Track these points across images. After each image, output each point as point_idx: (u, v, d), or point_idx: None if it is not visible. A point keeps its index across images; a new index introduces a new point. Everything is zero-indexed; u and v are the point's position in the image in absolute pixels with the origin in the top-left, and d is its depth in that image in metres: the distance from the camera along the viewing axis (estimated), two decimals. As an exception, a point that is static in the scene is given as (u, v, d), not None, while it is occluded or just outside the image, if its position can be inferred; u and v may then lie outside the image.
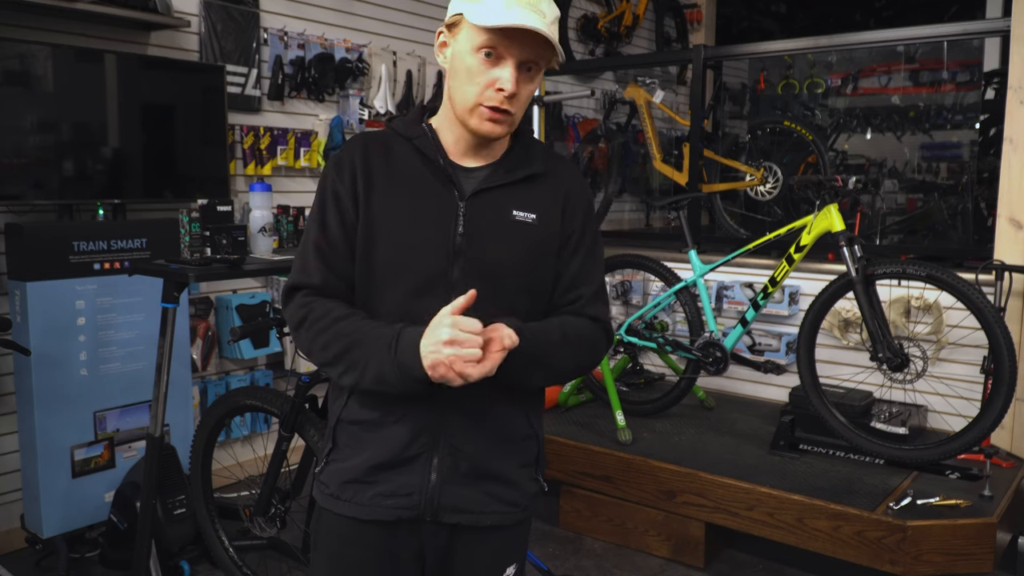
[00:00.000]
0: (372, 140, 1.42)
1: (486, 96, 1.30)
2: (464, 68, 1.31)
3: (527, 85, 1.32)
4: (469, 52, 1.30)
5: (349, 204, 1.37)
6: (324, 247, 1.38)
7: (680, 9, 6.30)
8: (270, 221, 3.17)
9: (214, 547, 2.79)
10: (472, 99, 1.31)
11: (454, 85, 1.34)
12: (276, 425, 2.57)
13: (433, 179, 1.38)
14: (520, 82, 1.30)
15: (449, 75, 1.37)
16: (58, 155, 3.01)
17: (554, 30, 1.31)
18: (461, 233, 1.35)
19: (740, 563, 3.13)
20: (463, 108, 1.33)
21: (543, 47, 1.30)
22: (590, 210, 1.49)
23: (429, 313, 1.29)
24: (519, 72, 1.30)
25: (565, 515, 3.40)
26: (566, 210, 1.43)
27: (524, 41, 1.27)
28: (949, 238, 4.56)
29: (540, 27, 1.25)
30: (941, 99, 5.01)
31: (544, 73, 1.41)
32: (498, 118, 1.32)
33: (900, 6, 7.46)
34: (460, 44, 1.32)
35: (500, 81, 1.29)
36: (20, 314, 2.88)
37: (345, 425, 1.42)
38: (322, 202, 1.40)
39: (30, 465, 2.93)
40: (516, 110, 1.33)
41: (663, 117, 5.57)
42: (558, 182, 1.45)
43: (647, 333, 3.68)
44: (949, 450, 2.81)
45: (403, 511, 1.39)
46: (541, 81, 1.40)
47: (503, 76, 1.29)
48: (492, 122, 1.32)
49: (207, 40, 3.56)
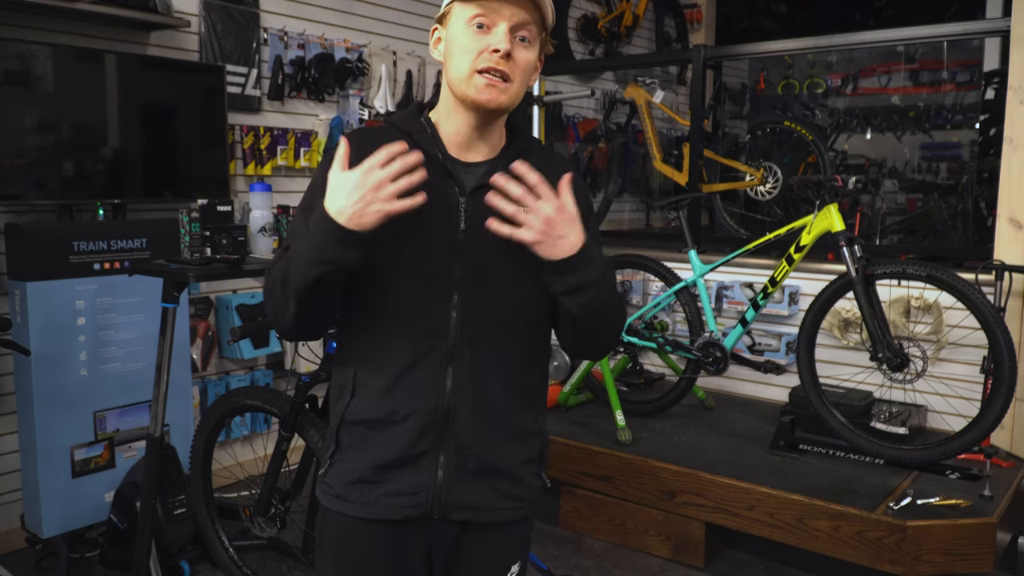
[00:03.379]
0: (369, 135, 1.41)
1: (481, 61, 1.30)
2: (458, 46, 1.32)
3: (523, 52, 1.32)
4: (461, 30, 1.31)
5: None
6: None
7: (680, 9, 6.30)
8: (270, 221, 3.17)
9: (214, 547, 2.79)
10: (467, 68, 1.31)
11: (449, 64, 1.34)
12: (276, 425, 2.57)
13: (433, 174, 1.35)
14: (514, 47, 1.31)
15: (445, 60, 1.36)
16: (58, 155, 3.01)
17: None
18: (463, 229, 1.35)
19: (740, 563, 3.13)
20: (460, 79, 1.32)
21: (533, 9, 1.31)
22: (589, 206, 1.49)
23: (431, 309, 1.29)
24: (512, 36, 1.30)
25: (565, 515, 3.40)
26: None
27: (514, 5, 1.29)
28: (949, 238, 4.56)
29: None
30: (941, 99, 5.01)
31: (542, 73, 1.40)
32: (495, 82, 1.30)
33: (900, 6, 7.45)
34: (452, 29, 1.33)
35: (494, 43, 1.29)
36: (20, 314, 2.88)
37: (349, 426, 1.41)
38: (313, 194, 1.37)
39: (30, 465, 2.93)
40: (514, 76, 1.32)
41: (663, 117, 5.57)
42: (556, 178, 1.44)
43: (647, 333, 3.68)
44: (949, 450, 2.81)
45: (411, 509, 1.38)
46: (542, 62, 1.41)
47: (496, 39, 1.29)
48: (490, 88, 1.30)
49: (207, 40, 3.56)
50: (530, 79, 1.37)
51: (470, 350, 1.36)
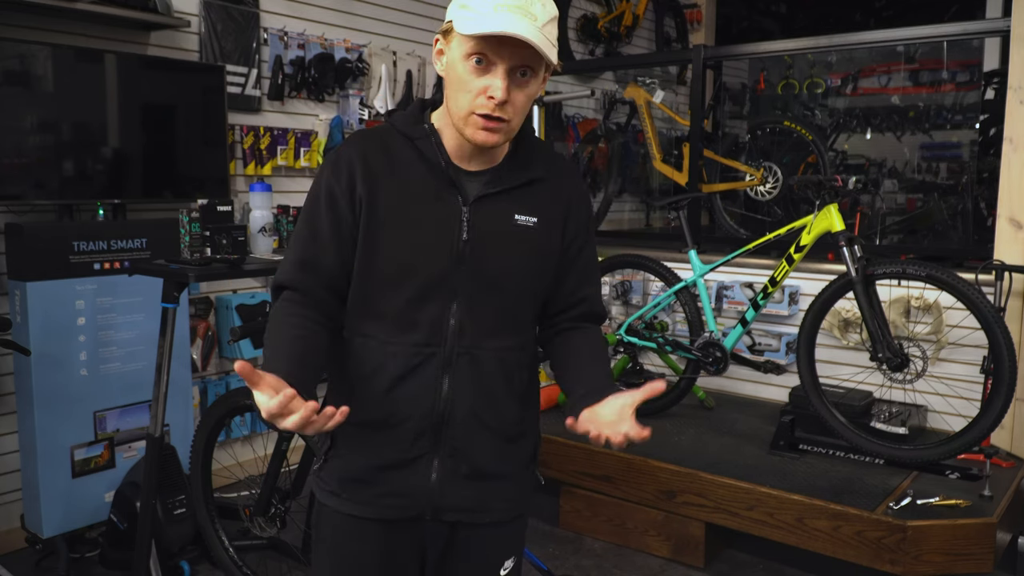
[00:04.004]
0: (371, 139, 1.40)
1: (478, 104, 1.27)
2: (456, 77, 1.28)
3: (521, 91, 1.28)
4: (460, 60, 1.27)
5: (345, 206, 1.34)
6: (313, 249, 1.36)
7: (680, 9, 6.30)
8: (270, 221, 3.17)
9: (214, 547, 2.79)
10: (465, 108, 1.28)
11: (449, 94, 1.32)
12: (276, 425, 2.57)
13: (436, 183, 1.36)
14: (513, 89, 1.27)
15: (445, 83, 1.34)
16: (58, 155, 3.01)
17: (550, 30, 1.27)
18: (465, 239, 1.34)
19: (740, 563, 3.13)
20: (458, 117, 1.30)
21: (533, 55, 1.25)
22: (590, 212, 1.51)
23: (430, 317, 1.31)
24: (511, 78, 1.26)
25: (565, 515, 3.40)
26: (569, 214, 1.44)
27: (513, 46, 1.23)
28: (949, 238, 4.56)
29: (527, 34, 1.21)
30: (941, 99, 5.01)
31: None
32: (492, 126, 1.28)
33: (900, 6, 7.45)
34: (452, 52, 1.30)
35: (490, 89, 1.25)
36: (20, 314, 2.88)
37: (345, 426, 1.41)
38: (315, 201, 1.37)
39: (30, 465, 2.93)
40: (511, 117, 1.29)
41: (663, 117, 5.57)
42: (559, 186, 1.44)
43: (647, 333, 3.68)
44: (949, 450, 2.81)
45: (404, 510, 1.40)
46: (546, 80, 1.37)
47: (493, 84, 1.25)
48: (486, 131, 1.28)
49: (207, 40, 3.56)
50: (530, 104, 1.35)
51: (467, 357, 1.36)
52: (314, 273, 1.36)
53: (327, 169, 1.38)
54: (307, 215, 1.38)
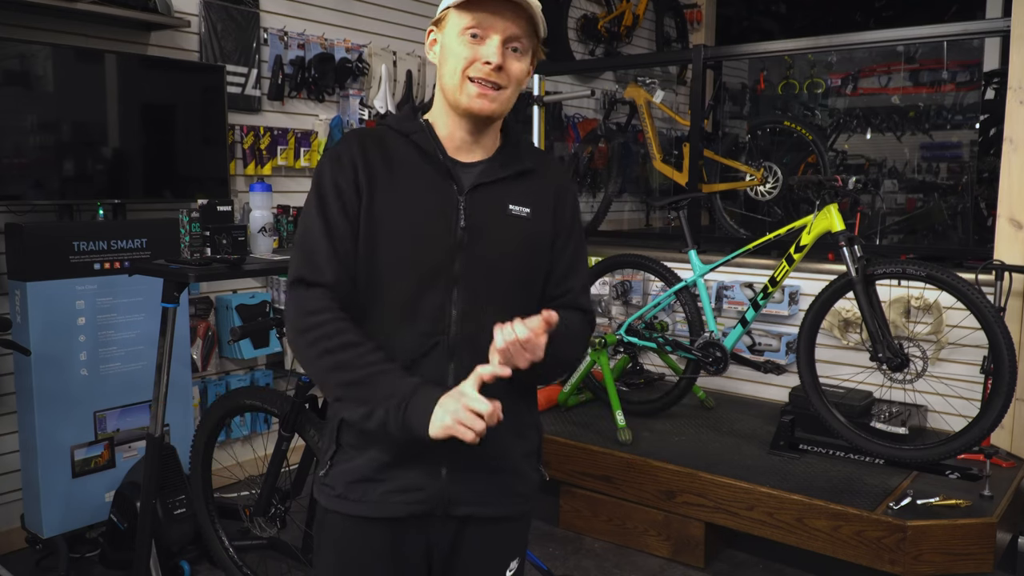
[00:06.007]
0: (368, 135, 1.43)
1: (473, 69, 1.34)
2: (452, 52, 1.35)
3: (515, 63, 1.36)
4: (455, 37, 1.35)
5: (352, 196, 1.37)
6: (333, 239, 1.36)
7: (680, 9, 6.30)
8: (270, 221, 3.16)
9: (214, 547, 2.79)
10: (460, 74, 1.34)
11: (443, 70, 1.38)
12: (276, 425, 2.57)
13: (432, 173, 1.39)
14: (507, 58, 1.34)
15: (439, 65, 1.40)
16: (58, 155, 3.01)
17: (537, 5, 1.34)
18: (463, 227, 1.37)
19: (740, 563, 3.13)
20: (453, 86, 1.36)
21: (526, 21, 1.34)
22: (577, 205, 1.54)
23: (432, 306, 1.33)
24: (505, 48, 1.34)
25: (565, 515, 3.40)
26: (557, 206, 1.48)
27: (506, 16, 1.32)
28: (949, 238, 4.55)
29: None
30: (941, 99, 5.00)
31: (543, 73, 1.43)
32: (487, 92, 1.34)
33: (900, 6, 7.45)
34: (447, 35, 1.37)
35: (486, 55, 1.33)
36: (20, 314, 2.88)
37: (350, 425, 1.41)
38: (322, 195, 1.38)
39: (30, 465, 2.93)
40: (507, 84, 1.36)
41: (663, 117, 5.56)
42: (548, 178, 1.49)
43: (647, 333, 3.68)
44: (949, 450, 2.81)
45: (415, 506, 1.39)
46: (534, 66, 1.43)
47: (488, 51, 1.33)
48: (482, 97, 1.34)
49: (207, 40, 3.56)
50: (521, 85, 1.41)
51: (471, 345, 1.37)
52: (341, 265, 1.36)
53: (329, 164, 1.40)
54: (317, 209, 1.38)
